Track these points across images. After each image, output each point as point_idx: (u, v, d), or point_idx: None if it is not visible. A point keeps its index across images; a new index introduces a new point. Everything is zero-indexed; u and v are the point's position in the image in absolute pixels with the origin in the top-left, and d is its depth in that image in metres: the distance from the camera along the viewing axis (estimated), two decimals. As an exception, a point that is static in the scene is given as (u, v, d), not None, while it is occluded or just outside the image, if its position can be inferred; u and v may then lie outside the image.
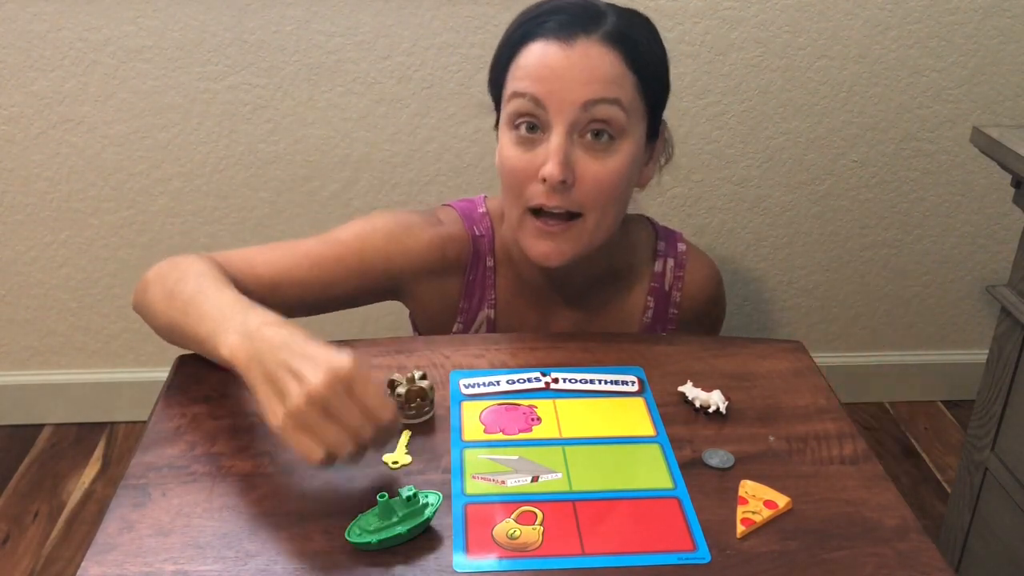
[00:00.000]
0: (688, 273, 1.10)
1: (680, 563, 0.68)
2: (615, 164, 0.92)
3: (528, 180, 0.92)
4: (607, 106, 0.90)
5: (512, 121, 0.92)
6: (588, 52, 0.89)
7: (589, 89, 0.89)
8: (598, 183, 0.91)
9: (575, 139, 0.91)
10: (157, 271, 0.91)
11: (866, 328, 1.96)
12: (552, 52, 0.90)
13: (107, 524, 0.70)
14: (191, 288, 0.84)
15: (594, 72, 0.89)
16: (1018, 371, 1.19)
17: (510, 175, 0.93)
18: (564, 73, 0.89)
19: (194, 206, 1.72)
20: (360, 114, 1.67)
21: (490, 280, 1.05)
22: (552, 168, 0.89)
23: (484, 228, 1.04)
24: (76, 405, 1.88)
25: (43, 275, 1.77)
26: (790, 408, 0.86)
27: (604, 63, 0.89)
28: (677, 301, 1.10)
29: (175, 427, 0.81)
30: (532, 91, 0.90)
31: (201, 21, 1.58)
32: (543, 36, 0.91)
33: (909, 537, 0.72)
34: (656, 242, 1.10)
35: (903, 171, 1.79)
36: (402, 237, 1.00)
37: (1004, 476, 1.22)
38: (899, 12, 1.65)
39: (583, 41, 0.89)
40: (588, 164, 0.91)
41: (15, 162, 1.67)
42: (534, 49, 0.91)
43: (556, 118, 0.89)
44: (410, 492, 0.69)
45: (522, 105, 0.91)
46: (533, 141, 0.91)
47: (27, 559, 1.57)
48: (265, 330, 0.75)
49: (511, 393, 0.87)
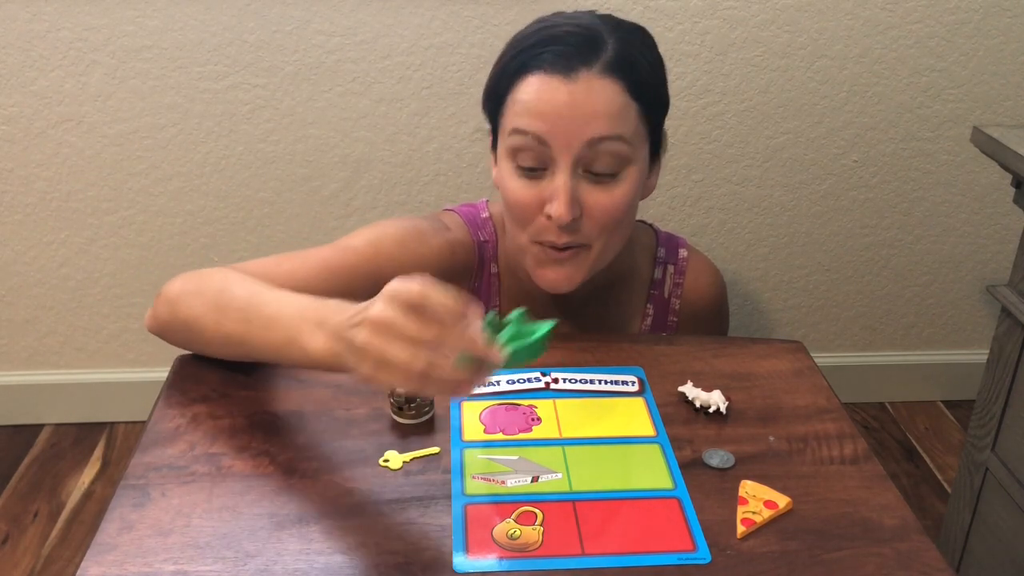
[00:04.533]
0: (688, 280, 1.09)
1: (680, 563, 0.68)
2: (621, 192, 0.91)
3: (534, 213, 0.91)
4: (611, 143, 0.88)
5: (513, 155, 0.91)
6: (590, 86, 0.87)
7: (593, 127, 0.87)
8: (606, 214, 0.91)
9: (580, 172, 0.90)
10: (182, 287, 0.87)
11: (866, 328, 1.96)
12: (553, 88, 0.87)
13: (107, 524, 0.70)
14: (243, 295, 0.81)
15: (597, 108, 0.87)
16: (1018, 371, 1.19)
17: (515, 207, 0.92)
18: (567, 111, 0.87)
19: (194, 206, 1.72)
20: (360, 114, 1.66)
21: (494, 287, 1.05)
22: (561, 209, 0.88)
23: (488, 234, 1.04)
24: (76, 405, 1.88)
25: (43, 275, 1.77)
26: (790, 408, 0.86)
27: (606, 97, 0.87)
28: (676, 308, 1.09)
29: (175, 427, 0.81)
30: (534, 130, 0.88)
31: (201, 21, 1.58)
32: (541, 69, 0.88)
33: (909, 537, 0.72)
34: (657, 249, 1.09)
35: (903, 171, 1.79)
36: (413, 244, 0.98)
37: (1004, 476, 1.22)
38: (899, 12, 1.65)
39: (585, 75, 0.87)
40: (595, 196, 0.90)
41: (15, 162, 1.67)
42: (533, 83, 0.88)
43: (560, 156, 0.88)
44: (521, 312, 0.70)
45: (524, 142, 0.89)
46: (537, 175, 0.90)
47: (27, 559, 1.57)
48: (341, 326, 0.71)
49: (511, 393, 0.87)
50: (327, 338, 0.72)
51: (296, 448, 0.79)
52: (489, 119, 0.97)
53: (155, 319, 0.89)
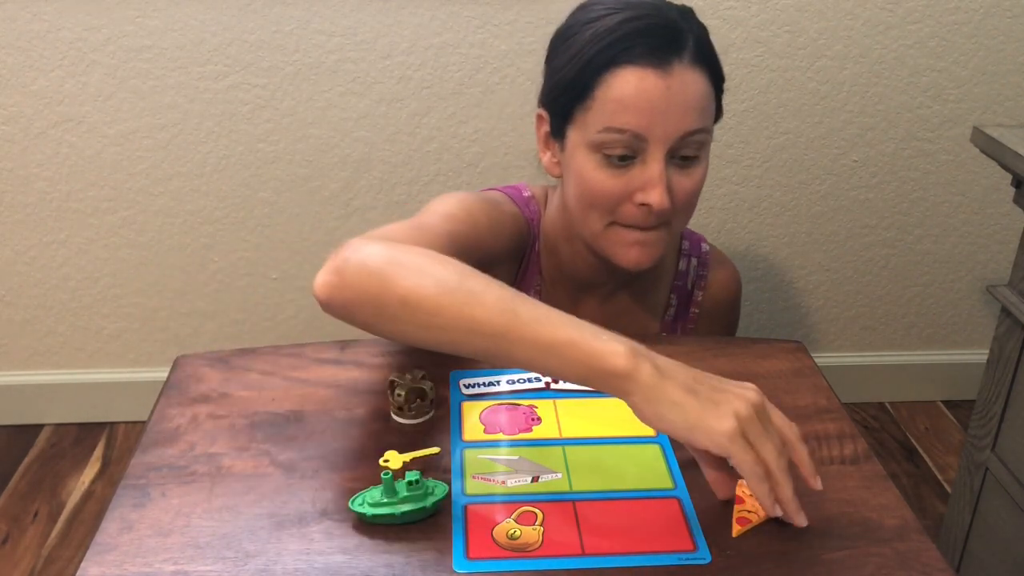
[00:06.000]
0: (712, 273, 1.12)
1: (680, 563, 0.68)
2: (701, 174, 0.94)
3: (621, 202, 0.93)
4: (701, 135, 0.91)
5: (600, 148, 0.91)
6: (684, 79, 0.89)
7: (688, 121, 0.89)
8: (688, 196, 0.94)
9: (668, 160, 0.91)
10: (389, 257, 0.75)
11: (866, 328, 1.96)
12: (651, 83, 0.88)
13: (107, 524, 0.70)
14: (494, 283, 0.74)
15: (690, 102, 0.89)
16: (1018, 371, 1.19)
17: (600, 196, 0.93)
18: (663, 106, 0.88)
19: (194, 206, 1.72)
20: (360, 114, 1.66)
21: (535, 264, 1.07)
22: (659, 197, 0.90)
23: (532, 212, 1.06)
24: (76, 405, 1.88)
25: (43, 275, 1.77)
26: (790, 408, 0.86)
27: (698, 89, 0.90)
28: (699, 300, 1.11)
29: (175, 427, 0.81)
30: (632, 127, 0.89)
31: (201, 21, 1.58)
32: (634, 62, 0.88)
33: (909, 537, 0.72)
34: (681, 241, 1.12)
35: (903, 171, 1.79)
36: (496, 212, 1.00)
37: (1004, 476, 1.22)
38: (899, 12, 1.65)
39: (679, 67, 0.89)
40: (680, 180, 0.93)
41: (15, 162, 1.67)
42: (628, 78, 0.89)
43: (655, 147, 0.90)
44: (415, 477, 0.70)
45: (620, 140, 0.90)
46: (624, 163, 0.91)
47: (27, 559, 1.57)
48: (646, 351, 0.70)
49: (511, 393, 0.87)
50: (635, 358, 0.68)
51: (296, 448, 0.79)
52: (558, 110, 0.96)
53: (343, 288, 0.76)
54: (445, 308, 0.72)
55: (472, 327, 0.71)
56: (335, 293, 0.76)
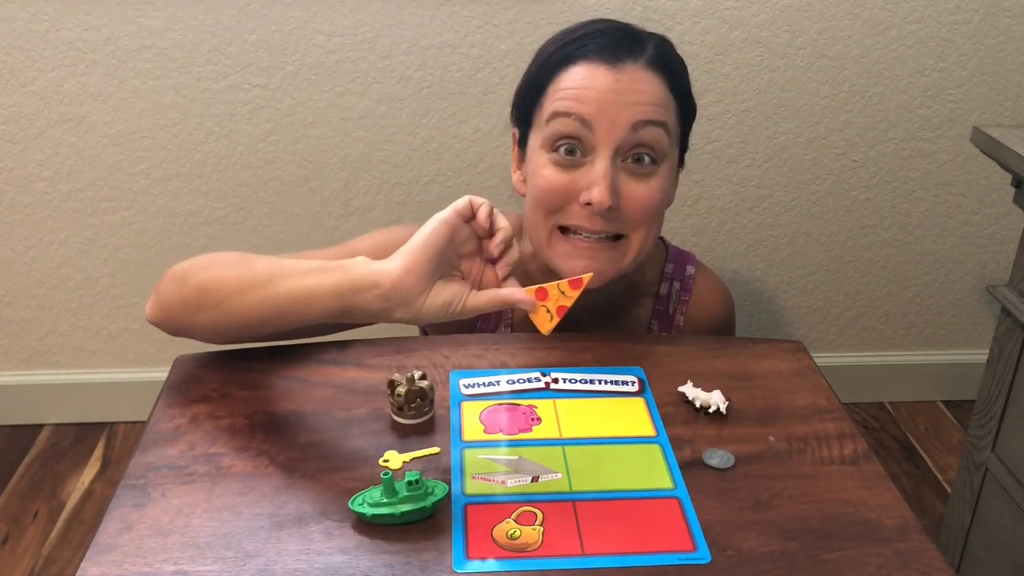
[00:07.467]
0: (693, 298, 1.09)
1: (680, 563, 0.68)
2: (657, 184, 0.92)
3: (566, 201, 0.91)
4: (654, 128, 0.89)
5: (552, 143, 0.91)
6: (636, 76, 0.89)
7: (639, 110, 0.88)
8: (643, 204, 0.91)
9: (618, 163, 0.90)
10: (191, 264, 0.88)
11: (866, 328, 1.96)
12: (600, 74, 0.89)
13: (107, 524, 0.70)
14: (263, 258, 0.85)
15: (642, 95, 0.89)
16: (1018, 371, 1.19)
17: (546, 194, 0.92)
18: (613, 96, 0.88)
19: (194, 206, 1.72)
20: (360, 114, 1.66)
21: None
22: (600, 195, 0.88)
23: None
24: (76, 405, 1.89)
25: (43, 275, 1.77)
26: (790, 408, 0.86)
27: (651, 86, 0.89)
28: (680, 326, 1.08)
29: (175, 427, 0.81)
30: (579, 111, 0.88)
31: (201, 21, 1.58)
32: (587, 58, 0.90)
33: (909, 537, 0.72)
34: (665, 264, 1.09)
35: (903, 171, 1.79)
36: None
37: (1004, 476, 1.22)
38: (899, 12, 1.65)
39: (631, 65, 0.89)
40: (632, 186, 0.91)
41: (15, 162, 1.67)
42: (578, 70, 0.90)
43: (603, 140, 0.89)
44: (415, 477, 0.70)
45: (566, 126, 0.89)
46: (573, 164, 0.90)
47: (27, 559, 1.57)
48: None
49: (511, 393, 0.87)
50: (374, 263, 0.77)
51: (296, 448, 0.79)
52: (521, 118, 0.97)
53: (158, 301, 0.89)
54: (229, 280, 0.84)
55: (250, 284, 0.82)
56: (154, 307, 0.90)
